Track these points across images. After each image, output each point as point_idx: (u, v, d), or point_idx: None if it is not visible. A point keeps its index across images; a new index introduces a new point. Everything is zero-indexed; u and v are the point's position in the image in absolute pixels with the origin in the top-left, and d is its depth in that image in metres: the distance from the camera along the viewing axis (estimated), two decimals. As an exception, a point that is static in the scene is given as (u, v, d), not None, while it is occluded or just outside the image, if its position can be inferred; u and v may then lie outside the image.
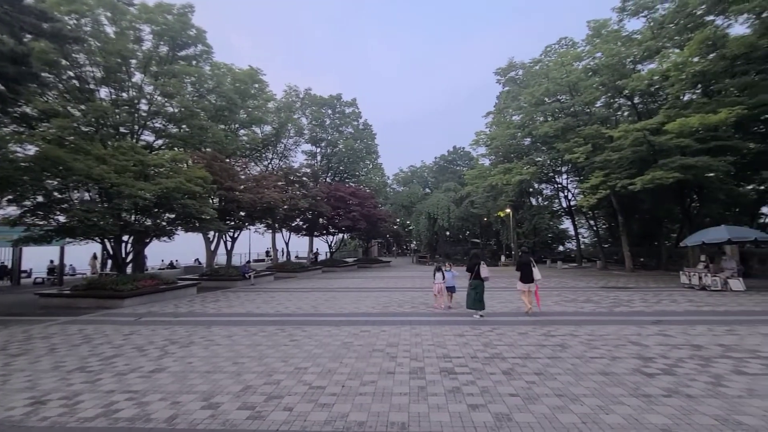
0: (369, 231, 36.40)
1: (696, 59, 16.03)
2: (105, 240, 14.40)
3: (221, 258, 25.75)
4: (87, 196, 14.10)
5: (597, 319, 8.92)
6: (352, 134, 39.88)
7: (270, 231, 30.79)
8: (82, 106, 15.13)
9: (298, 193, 27.36)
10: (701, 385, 4.73)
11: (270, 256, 35.80)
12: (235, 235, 23.08)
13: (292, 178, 28.62)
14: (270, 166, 33.81)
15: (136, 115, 17.38)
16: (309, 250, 36.08)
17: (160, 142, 19.83)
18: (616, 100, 24.16)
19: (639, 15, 20.75)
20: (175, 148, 19.45)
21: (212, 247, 23.98)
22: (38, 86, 12.74)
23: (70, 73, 15.64)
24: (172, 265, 28.52)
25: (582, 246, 34.67)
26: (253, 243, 31.14)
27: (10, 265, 21.10)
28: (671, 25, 18.74)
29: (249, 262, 26.62)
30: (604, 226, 33.62)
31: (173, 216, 15.51)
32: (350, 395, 4.57)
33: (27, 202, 12.66)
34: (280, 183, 25.29)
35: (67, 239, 14.09)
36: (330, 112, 38.93)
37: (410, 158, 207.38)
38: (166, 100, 17.71)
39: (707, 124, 15.22)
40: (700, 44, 15.34)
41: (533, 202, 36.13)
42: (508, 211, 32.95)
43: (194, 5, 18.46)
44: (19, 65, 10.26)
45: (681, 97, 19.60)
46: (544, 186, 34.57)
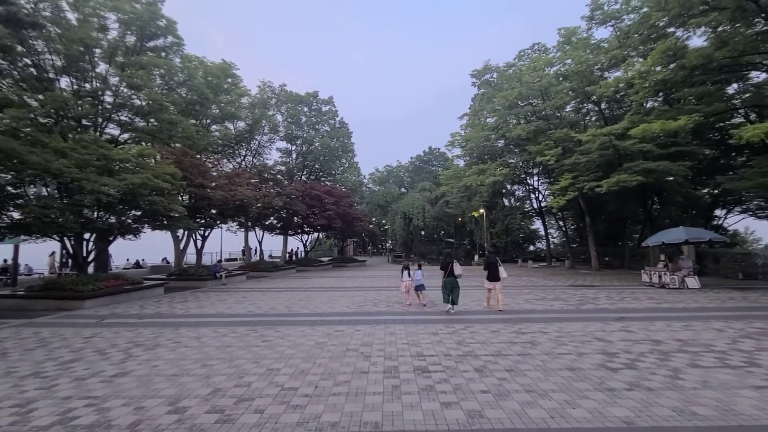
0: (344, 230, 36.22)
1: (658, 68, 16.88)
2: (64, 238, 13.66)
3: (191, 257, 24.94)
4: (45, 191, 13.31)
5: (565, 317, 9.23)
6: (328, 132, 39.34)
7: (243, 230, 30.11)
8: (40, 96, 14.29)
9: (272, 191, 26.88)
10: (660, 378, 4.97)
11: (244, 254, 34.91)
12: (206, 234, 22.44)
13: (266, 175, 28.07)
14: (243, 163, 33.04)
15: (100, 107, 16.58)
16: (283, 249, 35.46)
17: (126, 136, 19.01)
18: (585, 105, 25.15)
19: (606, 24, 21.68)
20: (143, 143, 18.67)
21: (181, 245, 23.20)
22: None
23: (27, 61, 14.76)
24: (138, 265, 27.33)
25: (552, 246, 35.83)
26: (225, 242, 30.37)
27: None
28: (636, 35, 19.65)
29: (220, 261, 25.96)
30: (573, 227, 34.86)
31: (139, 213, 14.87)
32: (323, 396, 4.52)
33: (-25, 197, 11.81)
34: (253, 180, 24.79)
35: (22, 237, 13.25)
36: (306, 109, 38.33)
37: (386, 157, 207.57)
38: (133, 92, 17.00)
39: (668, 130, 16.08)
40: (662, 54, 16.14)
41: (506, 202, 37.00)
42: (482, 211, 33.55)
43: (165, -6, 17.83)
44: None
45: (644, 104, 20.70)
46: (516, 187, 35.53)
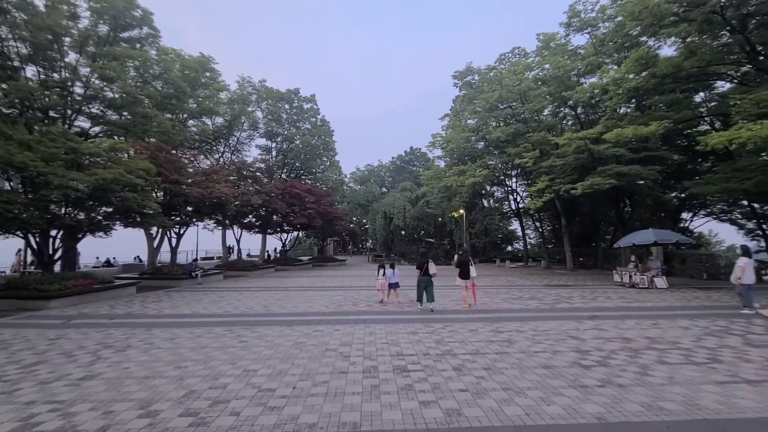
0: (325, 229, 35.94)
1: (631, 76, 17.50)
2: (29, 235, 13.00)
3: (165, 256, 24.19)
4: (8, 185, 12.64)
5: (541, 316, 9.45)
6: (309, 130, 38.81)
7: (220, 228, 29.44)
8: (4, 85, 13.58)
9: (251, 188, 26.40)
10: (630, 375, 5.14)
11: (230, 252, 34.07)
12: (181, 232, 21.81)
13: (245, 173, 27.55)
14: (221, 159, 32.24)
15: (69, 98, 15.83)
16: (262, 248, 34.86)
17: (98, 129, 18.24)
18: (562, 109, 25.85)
19: (583, 31, 22.36)
20: (115, 137, 17.90)
21: (155, 243, 22.48)
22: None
23: (-11, 47, 13.96)
24: (108, 263, 26.27)
25: (528, 246, 36.61)
26: (201, 240, 29.57)
27: None
28: (611, 43, 20.34)
29: (196, 259, 25.32)
30: (549, 228, 35.74)
31: (111, 210, 14.30)
32: (301, 397, 4.47)
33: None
34: (231, 177, 24.24)
35: (-18, 234, 12.55)
36: (287, 107, 37.72)
37: (367, 156, 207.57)
38: (105, 84, 16.31)
39: (639, 135, 16.70)
40: (635, 62, 16.76)
41: (485, 203, 37.58)
42: (462, 212, 33.96)
43: (140, -16, 17.19)
44: None
45: (618, 110, 21.44)
46: (495, 188, 36.13)
